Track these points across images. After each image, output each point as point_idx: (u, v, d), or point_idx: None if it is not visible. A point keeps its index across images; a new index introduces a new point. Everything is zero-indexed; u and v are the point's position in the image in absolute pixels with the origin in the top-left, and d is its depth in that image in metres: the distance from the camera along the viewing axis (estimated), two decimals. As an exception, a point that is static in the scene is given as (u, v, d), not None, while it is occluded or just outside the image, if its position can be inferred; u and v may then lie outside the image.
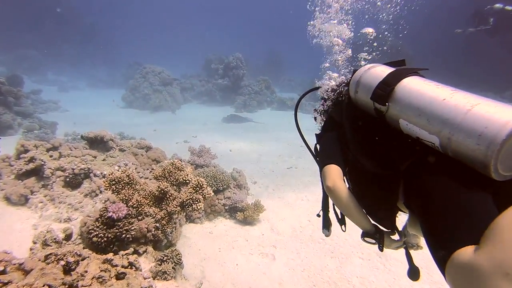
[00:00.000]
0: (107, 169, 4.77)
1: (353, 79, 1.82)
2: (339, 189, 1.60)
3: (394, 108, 1.55)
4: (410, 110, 1.46)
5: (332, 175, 1.64)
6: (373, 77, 1.68)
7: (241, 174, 6.28)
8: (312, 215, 5.52)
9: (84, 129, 10.66)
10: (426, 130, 1.40)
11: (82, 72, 28.73)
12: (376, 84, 1.63)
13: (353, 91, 1.80)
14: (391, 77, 1.60)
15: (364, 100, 1.74)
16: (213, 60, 21.56)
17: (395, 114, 1.55)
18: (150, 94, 17.18)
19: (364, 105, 1.76)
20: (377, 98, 1.60)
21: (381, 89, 1.59)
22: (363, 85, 1.73)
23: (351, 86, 1.83)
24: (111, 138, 5.55)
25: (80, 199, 4.20)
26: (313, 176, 7.51)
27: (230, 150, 9.64)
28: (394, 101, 1.54)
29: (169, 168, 3.62)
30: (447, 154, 1.36)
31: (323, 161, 1.74)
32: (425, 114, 1.40)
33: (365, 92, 1.70)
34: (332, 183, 1.61)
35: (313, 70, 29.56)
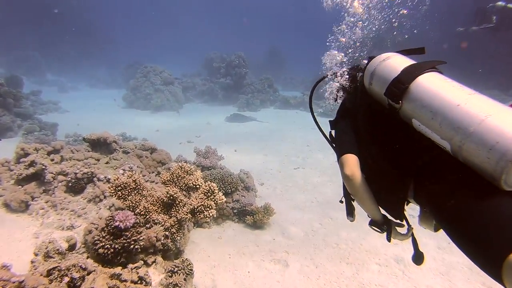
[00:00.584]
0: (111, 172, 4.57)
1: (368, 69, 1.78)
2: (357, 179, 1.64)
3: (407, 107, 1.53)
4: (423, 112, 1.45)
5: (350, 164, 1.66)
6: (388, 71, 1.65)
7: (248, 176, 6.07)
8: (324, 218, 5.32)
9: (85, 130, 10.46)
10: (438, 135, 1.40)
11: (82, 72, 28.50)
12: (390, 79, 1.59)
13: (368, 82, 1.77)
14: (406, 74, 1.55)
15: (378, 93, 1.71)
16: (214, 59, 21.32)
17: (408, 113, 1.53)
18: (151, 93, 16.96)
19: (378, 98, 1.73)
20: (390, 95, 1.58)
21: (395, 86, 1.56)
22: (377, 78, 1.70)
23: (365, 76, 1.80)
24: (114, 140, 5.35)
25: (84, 205, 4.00)
26: (321, 177, 7.31)
27: (235, 150, 9.43)
28: (408, 100, 1.51)
29: (177, 172, 3.41)
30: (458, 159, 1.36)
31: (341, 150, 1.75)
32: (438, 118, 1.38)
33: (379, 86, 1.68)
34: (350, 172, 1.64)
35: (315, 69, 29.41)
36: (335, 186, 6.72)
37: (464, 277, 3.99)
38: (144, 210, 3.15)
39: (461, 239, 1.35)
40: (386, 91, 1.60)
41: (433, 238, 4.69)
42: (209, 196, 3.14)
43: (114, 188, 3.18)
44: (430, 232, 5.05)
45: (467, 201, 1.32)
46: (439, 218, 1.48)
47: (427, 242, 4.61)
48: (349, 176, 1.65)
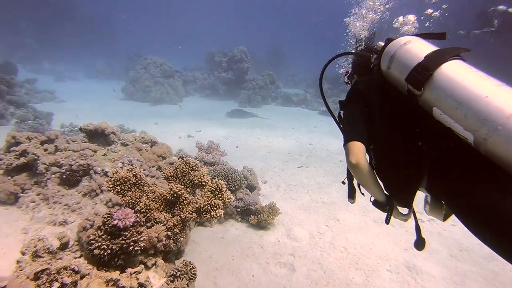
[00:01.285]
0: (108, 165, 4.29)
1: (386, 52, 1.72)
2: (361, 166, 1.62)
3: (429, 95, 1.49)
4: (447, 101, 1.41)
5: (356, 151, 1.64)
6: (410, 56, 1.59)
7: (252, 173, 5.82)
8: (330, 220, 5.08)
9: (82, 121, 10.15)
10: (461, 125, 1.37)
11: (80, 62, 28.03)
12: (412, 65, 1.54)
13: (386, 66, 1.71)
14: (430, 60, 1.50)
15: (396, 78, 1.66)
16: (215, 53, 20.96)
17: (429, 101, 1.50)
18: (151, 86, 16.62)
19: (396, 83, 1.68)
20: (412, 82, 1.53)
21: (418, 72, 1.51)
22: (397, 62, 1.64)
23: (383, 59, 1.74)
24: (112, 131, 5.07)
25: (78, 199, 3.72)
26: (326, 176, 7.07)
27: (237, 147, 9.17)
28: (431, 88, 1.47)
29: (182, 167, 3.14)
30: (479, 150, 1.35)
31: (348, 136, 1.71)
32: (463, 108, 1.35)
33: (399, 70, 1.62)
34: (355, 160, 1.62)
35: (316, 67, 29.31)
36: (340, 187, 6.48)
37: (478, 287, 3.77)
38: (145, 208, 2.89)
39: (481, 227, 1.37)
40: (408, 77, 1.54)
41: (444, 244, 4.47)
42: (216, 195, 2.87)
43: (113, 182, 2.91)
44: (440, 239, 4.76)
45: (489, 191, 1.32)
46: (457, 208, 1.49)
47: (437, 248, 4.39)
48: (354, 164, 1.63)
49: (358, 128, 1.75)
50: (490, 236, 1.35)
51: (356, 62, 2.23)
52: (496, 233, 1.31)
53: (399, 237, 4.63)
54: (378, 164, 1.81)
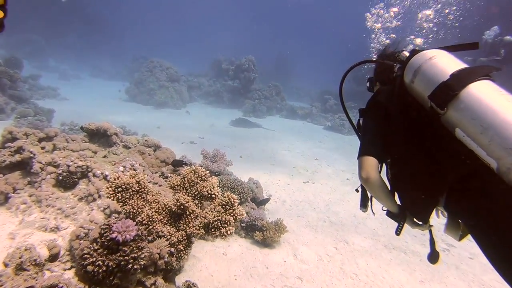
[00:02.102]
0: (108, 168, 4.01)
1: (411, 64, 1.66)
2: (373, 182, 1.63)
3: (453, 115, 1.44)
4: (472, 125, 1.36)
5: (367, 167, 1.64)
6: (436, 72, 1.53)
7: (258, 186, 5.53)
8: (339, 242, 4.77)
9: (83, 120, 9.90)
10: (485, 151, 1.32)
11: (85, 61, 27.97)
12: (437, 82, 1.49)
13: (409, 79, 1.66)
14: (456, 79, 1.44)
15: (419, 93, 1.61)
16: (222, 61, 20.91)
17: (453, 122, 1.44)
18: (155, 89, 16.43)
19: (419, 97, 1.63)
20: (435, 100, 1.48)
21: (442, 91, 1.46)
22: (422, 77, 1.59)
23: (407, 71, 1.68)
24: (115, 132, 4.80)
25: (73, 204, 3.43)
26: (333, 194, 6.78)
27: (241, 157, 8.89)
28: (455, 109, 1.42)
29: (190, 176, 2.86)
30: (502, 178, 1.28)
31: (362, 149, 1.71)
32: (488, 134, 1.30)
33: (423, 86, 1.57)
34: (366, 175, 1.63)
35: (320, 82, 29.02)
36: (348, 206, 6.19)
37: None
38: (147, 219, 2.60)
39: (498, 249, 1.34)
40: (432, 95, 1.49)
41: (463, 280, 4.15)
42: (227, 210, 2.59)
43: (113, 188, 2.63)
44: (459, 273, 4.40)
45: (510, 214, 1.29)
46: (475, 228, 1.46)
47: (456, 284, 4.07)
48: (365, 179, 1.64)
49: (373, 141, 1.73)
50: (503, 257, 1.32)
51: (378, 70, 2.15)
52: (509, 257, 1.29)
53: (413, 266, 4.32)
54: (395, 178, 1.78)
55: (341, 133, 14.31)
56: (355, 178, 7.97)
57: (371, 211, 1.99)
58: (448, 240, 5.12)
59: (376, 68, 2.17)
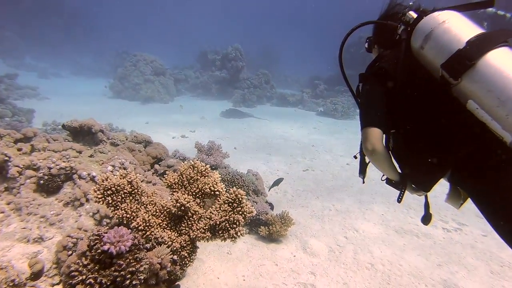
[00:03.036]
0: (95, 168, 3.63)
1: (420, 28, 1.55)
2: (377, 153, 1.60)
3: (467, 86, 1.37)
4: (488, 97, 1.29)
5: (372, 139, 1.59)
6: (450, 39, 1.42)
7: (258, 177, 5.22)
8: (348, 230, 4.52)
9: (66, 119, 9.39)
10: (500, 124, 1.27)
11: (65, 58, 26.91)
12: (452, 50, 1.39)
13: (418, 44, 1.55)
14: (473, 47, 1.33)
15: (429, 61, 1.52)
16: (208, 52, 20.33)
17: (466, 93, 1.38)
18: (141, 84, 15.84)
19: (428, 65, 1.54)
20: (449, 70, 1.40)
21: (457, 60, 1.36)
22: (433, 44, 1.47)
23: (416, 36, 1.57)
24: (100, 129, 4.40)
25: (58, 210, 3.06)
26: (334, 181, 6.53)
27: (235, 148, 8.55)
28: (471, 79, 1.34)
29: (188, 172, 2.53)
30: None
31: (365, 120, 1.65)
32: (506, 107, 1.24)
33: (434, 54, 1.47)
34: (371, 147, 1.59)
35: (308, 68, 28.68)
36: (351, 192, 5.95)
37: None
38: (144, 224, 2.26)
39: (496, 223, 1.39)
40: (445, 64, 1.40)
41: (481, 259, 3.95)
42: (235, 208, 2.27)
43: (102, 192, 2.28)
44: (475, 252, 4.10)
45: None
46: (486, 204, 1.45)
47: (475, 264, 3.87)
48: (370, 151, 1.60)
49: (377, 111, 1.64)
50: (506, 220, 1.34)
51: (378, 31, 1.98)
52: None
53: (428, 249, 4.10)
54: (399, 149, 1.72)
55: (335, 118, 14.05)
56: (354, 163, 7.74)
57: (362, 180, 1.97)
58: (459, 219, 4.93)
59: (376, 28, 2.00)
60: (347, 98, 16.32)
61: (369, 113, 1.67)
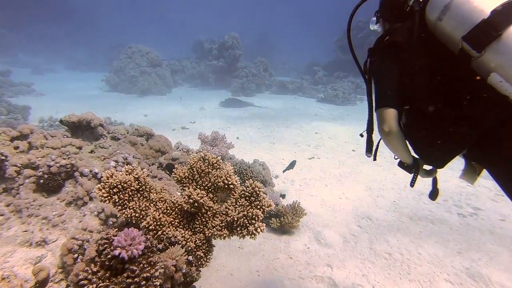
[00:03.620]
0: (97, 164, 3.45)
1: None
2: (393, 135, 1.55)
3: (491, 59, 1.28)
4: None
5: (389, 120, 1.54)
6: (472, 8, 1.31)
7: (265, 167, 5.07)
8: (361, 219, 4.39)
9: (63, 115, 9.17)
10: None
11: (59, 53, 26.46)
12: (475, 20, 1.29)
13: (435, 15, 1.45)
14: (500, 16, 1.24)
15: (448, 33, 1.42)
16: (203, 41, 19.94)
17: (489, 65, 1.29)
18: (137, 76, 15.52)
19: (446, 38, 1.45)
20: (473, 42, 1.30)
21: (482, 31, 1.27)
22: (453, 15, 1.37)
23: (432, 7, 1.47)
24: (100, 123, 4.21)
25: (61, 210, 2.89)
26: (341, 168, 6.38)
27: (238, 138, 8.36)
28: (496, 51, 1.26)
29: (199, 165, 2.35)
30: None
31: (380, 101, 1.58)
32: None
33: (455, 25, 1.37)
34: (388, 129, 1.54)
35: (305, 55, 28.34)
36: (360, 178, 5.80)
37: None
38: (155, 223, 2.09)
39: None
40: (468, 36, 1.31)
41: (501, 245, 3.82)
42: (252, 202, 2.10)
43: (108, 190, 2.10)
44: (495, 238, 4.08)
45: None
46: (506, 172, 1.43)
47: (496, 250, 3.73)
48: (387, 132, 1.55)
49: (391, 90, 1.57)
50: None
51: (386, 3, 1.86)
52: None
53: (445, 236, 3.97)
54: (413, 126, 1.63)
55: (335, 104, 13.83)
56: (360, 149, 7.59)
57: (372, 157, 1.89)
58: (473, 203, 4.80)
59: (384, 1, 1.88)
60: (347, 84, 16.08)
61: (384, 93, 1.59)
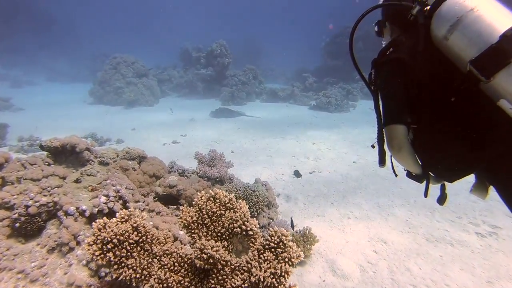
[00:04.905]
0: (85, 197, 3.01)
1: (444, 14, 1.36)
2: (404, 152, 1.53)
3: (500, 85, 1.23)
4: None
5: (399, 137, 1.51)
6: (481, 30, 1.25)
7: (268, 187, 4.69)
8: (376, 242, 4.06)
9: (44, 131, 8.58)
10: None
11: (39, 64, 25.60)
12: (483, 44, 1.23)
13: (442, 33, 1.37)
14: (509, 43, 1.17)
15: (455, 53, 1.35)
16: (190, 49, 19.55)
17: (499, 91, 1.25)
18: (123, 87, 14.96)
19: (453, 56, 1.38)
20: (481, 67, 1.24)
21: (490, 58, 1.21)
22: (461, 35, 1.30)
23: (438, 22, 1.39)
24: (86, 147, 3.77)
25: (42, 260, 2.44)
26: (345, 183, 6.06)
27: (232, 151, 7.98)
28: (505, 79, 1.21)
29: (209, 206, 1.96)
30: None
31: (388, 117, 1.54)
32: None
33: (463, 46, 1.30)
34: (398, 146, 1.52)
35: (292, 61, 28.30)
36: (366, 194, 5.50)
37: None
38: (161, 286, 1.69)
39: None
40: (475, 61, 1.24)
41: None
42: (279, 254, 1.73)
43: (100, 246, 1.70)
44: None
45: None
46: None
47: None
48: (397, 150, 1.53)
49: (398, 106, 1.53)
50: None
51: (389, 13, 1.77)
52: None
53: (469, 261, 3.67)
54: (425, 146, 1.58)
55: (329, 111, 13.61)
56: (361, 161, 7.31)
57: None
58: (489, 221, 4.53)
59: (387, 10, 1.78)
60: (338, 90, 15.93)
61: (391, 109, 1.54)
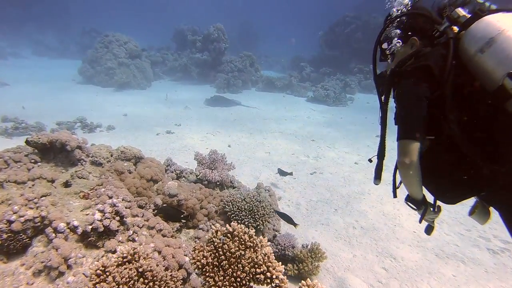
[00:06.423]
0: (76, 207, 2.68)
1: (479, 31, 1.35)
2: (413, 169, 1.49)
3: None
4: None
5: (412, 153, 1.46)
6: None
7: (271, 193, 4.43)
8: (384, 258, 3.87)
9: (31, 113, 8.06)
10: None
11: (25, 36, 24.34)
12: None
13: (476, 47, 1.35)
14: None
15: (488, 67, 1.32)
16: (185, 31, 18.79)
17: None
18: (114, 68, 14.30)
19: (481, 71, 1.35)
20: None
21: None
22: (500, 49, 1.28)
23: (471, 38, 1.38)
24: (78, 145, 3.42)
25: (26, 286, 2.13)
26: (348, 186, 5.85)
27: (229, 146, 7.66)
28: None
29: (227, 247, 1.68)
30: None
31: (403, 132, 1.50)
32: None
33: (497, 62, 1.29)
34: (409, 162, 1.47)
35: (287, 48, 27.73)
36: (370, 201, 5.30)
37: None
38: None
39: None
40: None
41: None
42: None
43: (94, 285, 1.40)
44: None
45: None
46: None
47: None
48: (407, 165, 1.48)
49: (417, 121, 1.46)
50: None
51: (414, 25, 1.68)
52: None
53: (483, 281, 3.52)
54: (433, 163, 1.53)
55: (327, 104, 13.34)
56: (363, 162, 7.11)
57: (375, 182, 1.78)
58: (500, 235, 4.39)
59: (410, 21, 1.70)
60: (336, 82, 15.62)
61: (408, 123, 1.50)
